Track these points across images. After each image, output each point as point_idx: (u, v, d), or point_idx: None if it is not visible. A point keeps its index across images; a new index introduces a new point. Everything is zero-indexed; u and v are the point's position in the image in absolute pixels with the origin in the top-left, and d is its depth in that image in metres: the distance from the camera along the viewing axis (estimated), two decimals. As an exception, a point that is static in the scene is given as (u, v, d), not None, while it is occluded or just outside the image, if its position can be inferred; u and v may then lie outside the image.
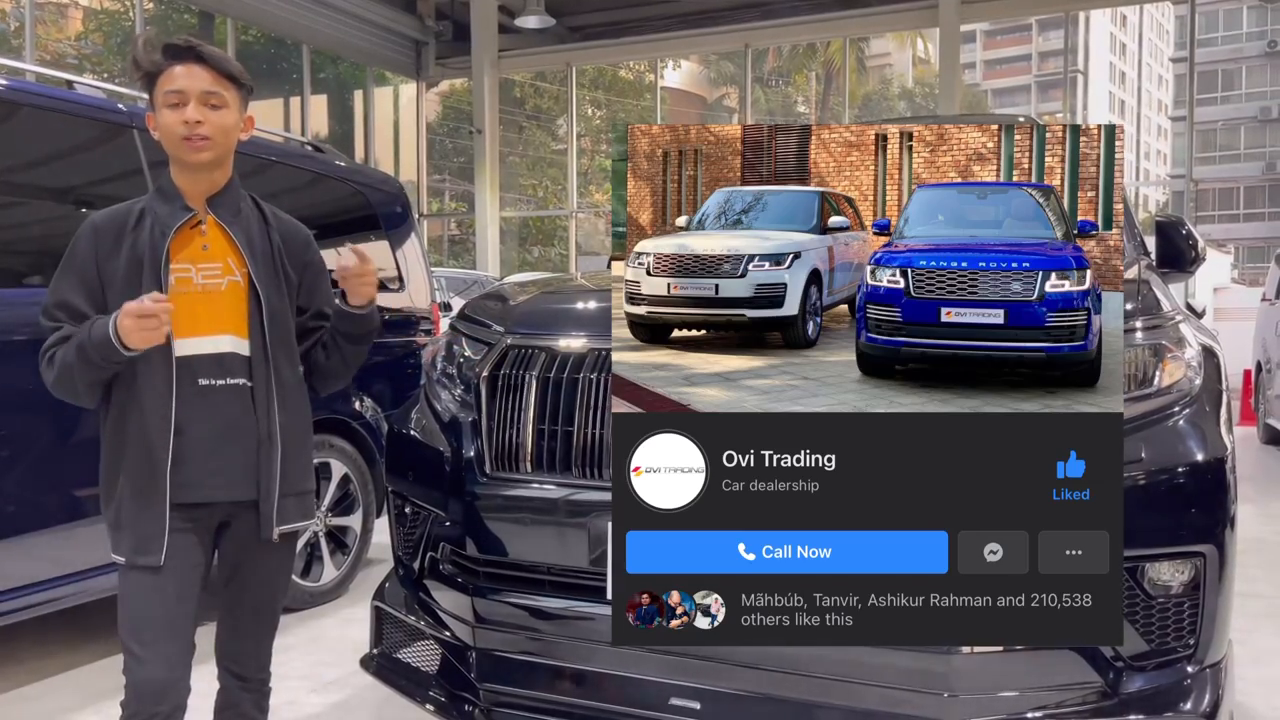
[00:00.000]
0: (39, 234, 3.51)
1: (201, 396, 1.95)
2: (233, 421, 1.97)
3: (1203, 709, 1.97)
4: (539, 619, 2.29)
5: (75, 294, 1.95)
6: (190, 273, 1.96)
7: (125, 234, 1.96)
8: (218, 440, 1.96)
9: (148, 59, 1.95)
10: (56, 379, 1.93)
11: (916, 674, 1.98)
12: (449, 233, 23.05)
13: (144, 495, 1.92)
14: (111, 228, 1.97)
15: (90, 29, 16.34)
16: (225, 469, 1.97)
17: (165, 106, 1.94)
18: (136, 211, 1.99)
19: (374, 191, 4.97)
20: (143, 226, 1.97)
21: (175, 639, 1.94)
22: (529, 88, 26.68)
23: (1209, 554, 2.00)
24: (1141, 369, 2.12)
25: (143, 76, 1.97)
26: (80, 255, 1.97)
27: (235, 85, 1.99)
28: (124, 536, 1.94)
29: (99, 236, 1.97)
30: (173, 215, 1.98)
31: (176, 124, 1.93)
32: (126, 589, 1.96)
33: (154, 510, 1.91)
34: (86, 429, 3.30)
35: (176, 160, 1.99)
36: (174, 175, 2.02)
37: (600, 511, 2.18)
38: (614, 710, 2.22)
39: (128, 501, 1.93)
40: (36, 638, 3.83)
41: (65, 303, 1.95)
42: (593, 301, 2.71)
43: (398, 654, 2.63)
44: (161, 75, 1.94)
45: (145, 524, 1.92)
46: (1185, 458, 2.04)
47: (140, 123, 3.65)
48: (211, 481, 1.96)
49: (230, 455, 1.97)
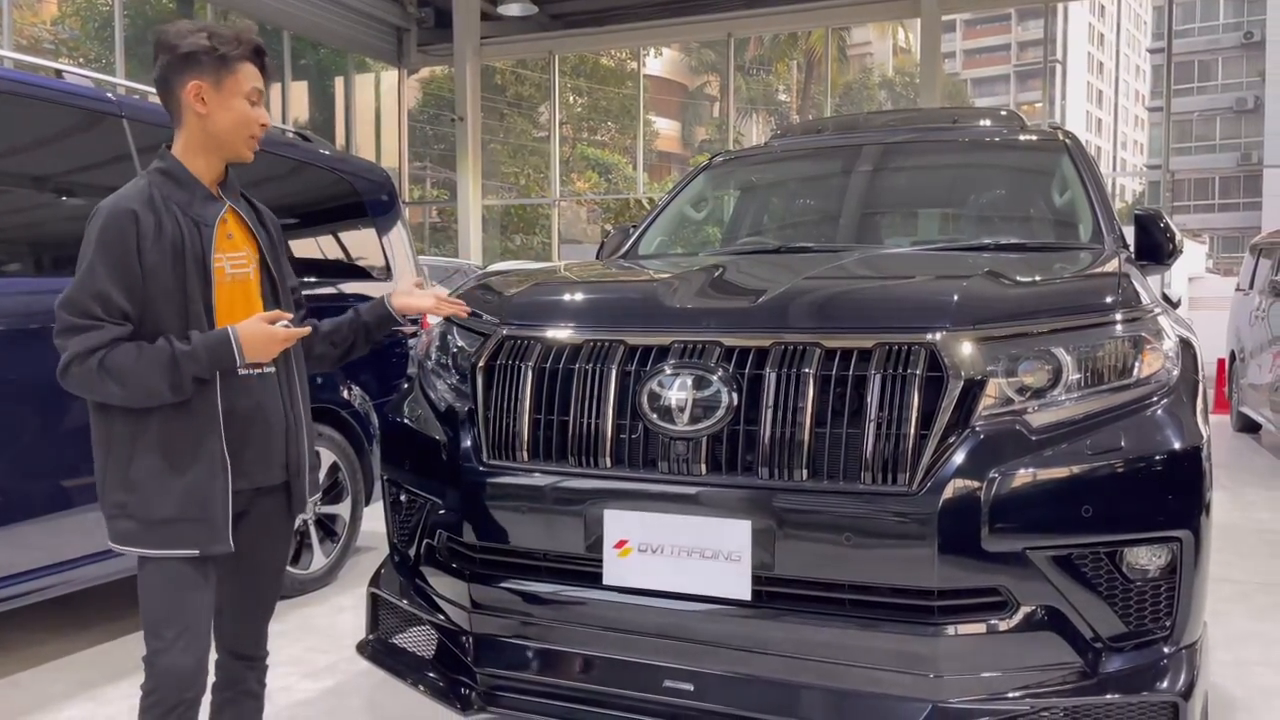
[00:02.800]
0: (27, 224, 3.50)
1: (242, 386, 1.98)
2: (265, 408, 2.02)
3: (1179, 688, 2.03)
4: (535, 604, 2.34)
5: (114, 286, 1.85)
6: (224, 263, 1.99)
7: (161, 222, 1.91)
8: (256, 428, 2.00)
9: (231, 47, 1.96)
10: (131, 390, 1.85)
11: (903, 656, 2.04)
12: (430, 220, 22.97)
13: (209, 488, 1.92)
14: (150, 216, 1.89)
15: (67, 13, 16.14)
16: (259, 457, 2.02)
17: (247, 99, 1.98)
18: (159, 197, 1.93)
19: (360, 180, 4.97)
20: (171, 214, 1.92)
21: (200, 626, 1.98)
22: (510, 75, 26.59)
23: (1185, 539, 2.06)
24: (1121, 360, 2.17)
25: (216, 59, 1.94)
26: (120, 244, 1.86)
27: None
28: (188, 529, 1.92)
29: (140, 225, 1.88)
30: (204, 206, 1.98)
31: (253, 121, 2.00)
32: (158, 580, 1.95)
33: (220, 499, 1.93)
34: (73, 418, 3.31)
35: (232, 151, 2.01)
36: (190, 160, 1.98)
37: (595, 499, 2.22)
38: (609, 692, 2.26)
39: (195, 495, 1.92)
40: (27, 626, 3.84)
41: (102, 294, 1.84)
42: (586, 292, 2.74)
43: (393, 639, 2.67)
44: (241, 65, 1.97)
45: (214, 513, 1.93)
46: (1163, 446, 2.09)
47: (129, 112, 3.65)
48: (247, 470, 2.00)
49: (263, 442, 2.02)
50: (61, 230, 3.56)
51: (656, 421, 2.18)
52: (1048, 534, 2.02)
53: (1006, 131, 4.04)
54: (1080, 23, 59.04)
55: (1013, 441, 2.05)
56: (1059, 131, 4.02)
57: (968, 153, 4.00)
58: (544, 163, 21.63)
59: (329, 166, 4.80)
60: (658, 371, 2.20)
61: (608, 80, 29.47)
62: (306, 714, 3.13)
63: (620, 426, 2.25)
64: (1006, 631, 2.02)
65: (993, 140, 4.03)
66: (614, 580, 2.21)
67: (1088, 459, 2.05)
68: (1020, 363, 2.13)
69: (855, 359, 2.12)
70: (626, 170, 27.09)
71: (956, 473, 2.01)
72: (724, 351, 2.20)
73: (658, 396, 2.18)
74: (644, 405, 2.19)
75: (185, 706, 1.95)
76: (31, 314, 3.21)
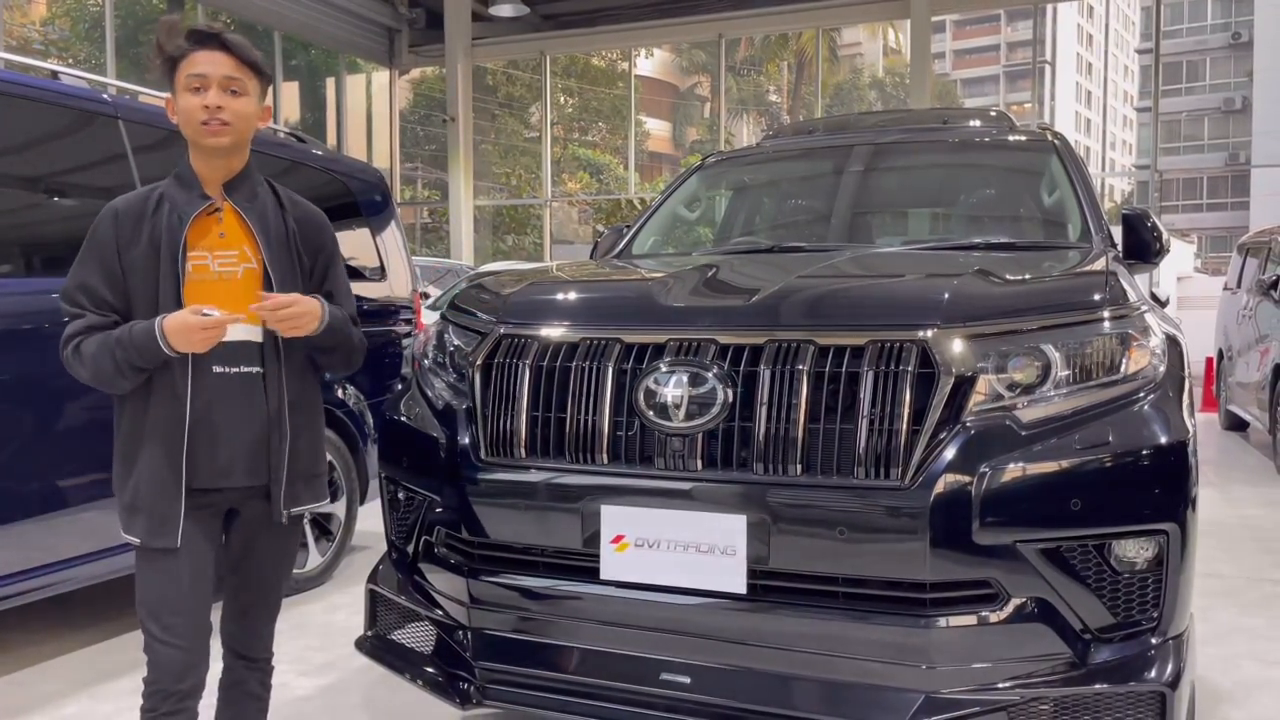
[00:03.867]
0: (25, 224, 3.52)
1: (216, 384, 1.99)
2: (245, 408, 2.02)
3: (1166, 678, 2.07)
4: (532, 599, 2.36)
5: (96, 278, 1.98)
6: (207, 260, 2.00)
7: (145, 220, 1.98)
8: (231, 427, 2.01)
9: (171, 43, 1.97)
10: (92, 374, 1.96)
11: (895, 647, 2.07)
12: (422, 220, 22.96)
13: (161, 480, 1.97)
14: (131, 214, 1.99)
15: (57, 13, 16.10)
16: (238, 455, 2.02)
17: (187, 90, 1.96)
18: (155, 197, 2.01)
19: (354, 180, 5.00)
20: (161, 213, 1.99)
21: (192, 619, 2.00)
22: (501, 75, 26.59)
23: (1172, 532, 2.09)
24: (1109, 357, 2.21)
25: (165, 60, 1.98)
26: (102, 241, 1.99)
27: (256, 74, 2.03)
28: (139, 519, 1.99)
29: (119, 223, 1.98)
30: (190, 203, 2.01)
31: (197, 108, 1.96)
32: (144, 571, 2.01)
33: (171, 495, 1.97)
34: (72, 418, 3.33)
35: (195, 144, 2.01)
36: (192, 160, 2.04)
37: (592, 495, 2.25)
38: (606, 686, 2.29)
39: (145, 485, 1.98)
40: (26, 624, 3.86)
41: (86, 286, 1.97)
42: (582, 292, 2.77)
43: (392, 635, 2.69)
44: (184, 60, 1.97)
45: (162, 507, 1.97)
46: (1150, 441, 2.13)
47: (125, 113, 3.66)
48: (224, 468, 2.01)
49: (243, 442, 2.02)
50: (59, 230, 3.57)
51: (652, 418, 2.21)
52: (1037, 527, 2.06)
53: (996, 132, 4.08)
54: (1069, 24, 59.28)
55: (1002, 437, 2.08)
56: (1048, 132, 4.07)
57: (958, 153, 4.04)
58: (535, 163, 21.65)
59: (323, 167, 4.82)
60: (653, 369, 2.23)
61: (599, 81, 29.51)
62: (305, 710, 3.15)
63: (617, 423, 2.28)
64: (997, 623, 2.06)
65: (982, 141, 4.07)
66: (611, 575, 2.24)
67: (1076, 454, 2.09)
68: (1010, 359, 2.16)
69: (848, 356, 2.15)
70: (618, 171, 27.13)
71: (948, 467, 2.04)
72: (719, 349, 2.23)
73: (654, 394, 2.21)
74: (640, 402, 2.23)
75: (178, 698, 1.98)
76: (29, 314, 3.23)
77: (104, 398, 2.06)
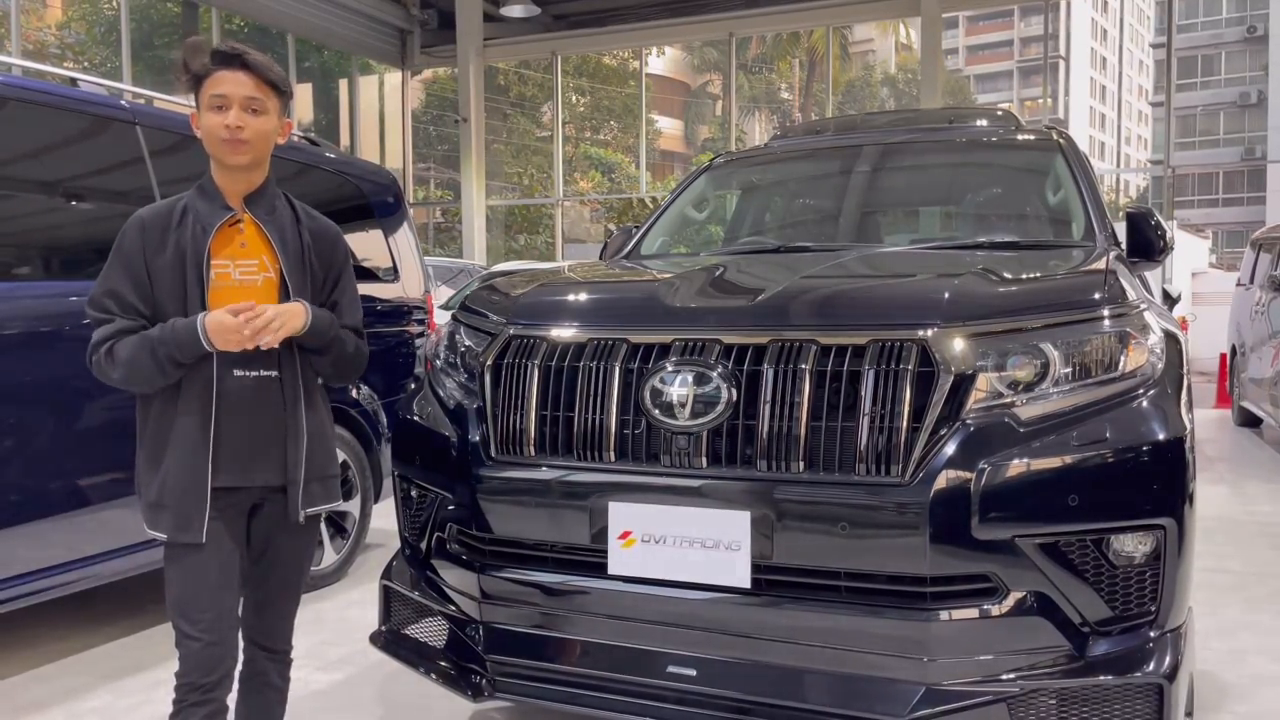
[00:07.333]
0: (46, 228, 3.59)
1: (237, 387, 2.07)
2: (264, 411, 2.10)
3: (1164, 670, 2.10)
4: (542, 594, 2.42)
5: (125, 285, 2.06)
6: (229, 268, 2.09)
7: (170, 230, 2.08)
8: (251, 429, 2.09)
9: (197, 62, 2.06)
10: (127, 374, 2.03)
11: (897, 640, 2.12)
12: (434, 221, 23.07)
13: (187, 479, 2.04)
14: (158, 223, 2.08)
15: (73, 17, 16.25)
16: (258, 456, 2.10)
17: (210, 109, 2.06)
18: (180, 208, 2.11)
19: (366, 182, 5.06)
20: (185, 223, 2.08)
21: (219, 614, 2.07)
22: (513, 75, 26.68)
23: (1169, 526, 2.13)
24: (1108, 354, 2.24)
25: (190, 79, 2.08)
26: (129, 249, 2.08)
27: (276, 92, 2.11)
28: (165, 515, 2.06)
29: (146, 232, 2.07)
30: (213, 214, 2.10)
31: (219, 127, 2.05)
32: (173, 570, 2.09)
33: (196, 493, 2.04)
34: (92, 418, 3.40)
35: (217, 160, 2.11)
36: (214, 174, 2.14)
37: (600, 492, 2.31)
38: (614, 678, 2.34)
39: (171, 483, 2.05)
40: (50, 620, 3.94)
41: (115, 292, 2.06)
42: (590, 293, 2.82)
43: (405, 630, 2.75)
44: (208, 79, 2.06)
45: (187, 505, 2.04)
46: (1147, 437, 2.16)
47: (143, 119, 3.74)
48: (245, 468, 2.09)
49: (262, 443, 2.11)
50: (79, 235, 3.65)
51: (659, 417, 2.26)
52: (1036, 522, 2.09)
53: (1002, 131, 4.10)
54: (1083, 18, 58.98)
55: (1002, 433, 2.12)
56: (1053, 131, 4.09)
57: (964, 153, 4.07)
58: (547, 163, 21.72)
59: (335, 169, 4.88)
60: (659, 369, 2.28)
61: (610, 80, 29.55)
62: (321, 704, 3.21)
63: (624, 422, 2.33)
64: (997, 616, 2.10)
65: (988, 140, 4.09)
66: (619, 570, 2.29)
67: (1074, 450, 2.12)
68: (1009, 358, 2.20)
69: (850, 355, 2.19)
70: (629, 169, 27.18)
71: (948, 464, 2.08)
72: (723, 349, 2.27)
73: (660, 393, 2.26)
74: (646, 401, 2.27)
75: (204, 690, 2.05)
76: (49, 316, 3.30)
77: (123, 398, 2.14)
